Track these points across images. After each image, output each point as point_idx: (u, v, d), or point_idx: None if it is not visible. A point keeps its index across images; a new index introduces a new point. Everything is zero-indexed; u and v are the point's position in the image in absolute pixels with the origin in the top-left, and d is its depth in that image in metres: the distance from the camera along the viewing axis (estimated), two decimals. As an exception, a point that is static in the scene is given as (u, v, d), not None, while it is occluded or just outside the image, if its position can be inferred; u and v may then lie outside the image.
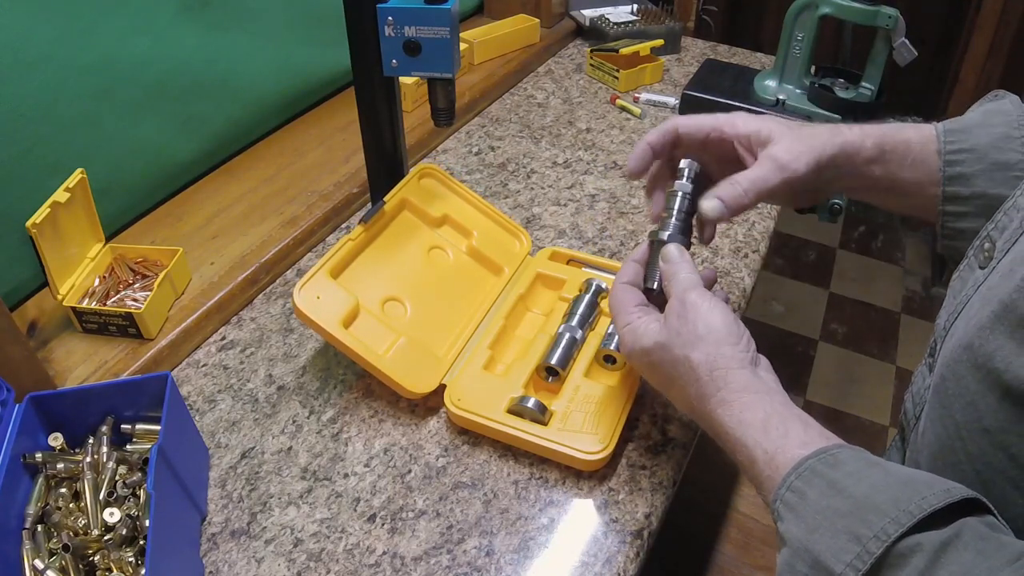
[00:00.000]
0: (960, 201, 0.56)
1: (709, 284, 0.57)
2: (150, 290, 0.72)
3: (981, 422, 0.44)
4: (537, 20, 1.25)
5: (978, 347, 0.43)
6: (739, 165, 0.58)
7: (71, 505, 0.55)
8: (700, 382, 0.50)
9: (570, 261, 0.79)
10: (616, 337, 0.66)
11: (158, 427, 0.57)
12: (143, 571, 0.50)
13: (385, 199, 0.73)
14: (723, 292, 0.59)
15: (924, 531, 0.37)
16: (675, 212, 0.58)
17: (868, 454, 0.44)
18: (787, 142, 0.56)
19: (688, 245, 0.58)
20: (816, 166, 0.56)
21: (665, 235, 0.57)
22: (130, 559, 0.52)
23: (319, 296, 0.65)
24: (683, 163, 0.60)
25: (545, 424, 0.62)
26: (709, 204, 0.55)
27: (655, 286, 0.57)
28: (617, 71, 1.15)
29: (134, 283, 0.75)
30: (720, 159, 0.60)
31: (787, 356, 1.97)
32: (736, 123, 0.59)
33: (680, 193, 0.59)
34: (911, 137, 0.58)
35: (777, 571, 0.42)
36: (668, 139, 0.60)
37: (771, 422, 0.46)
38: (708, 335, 0.50)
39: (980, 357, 0.43)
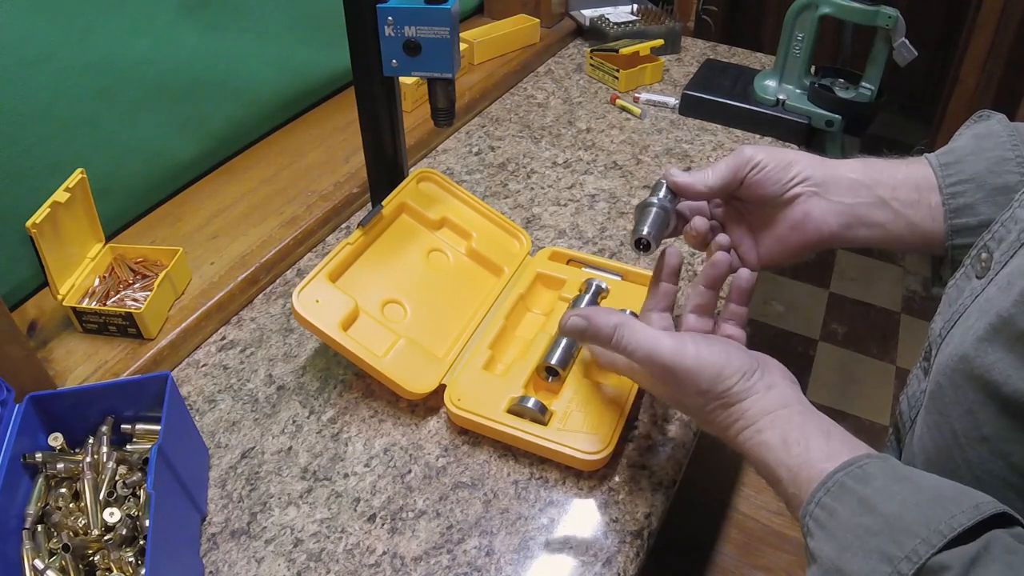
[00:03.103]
0: (969, 232, 0.55)
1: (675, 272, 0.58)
2: (150, 290, 0.72)
3: (980, 431, 0.44)
4: (537, 20, 1.25)
5: (975, 358, 0.43)
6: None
7: (71, 505, 0.55)
8: (719, 419, 0.51)
9: (570, 261, 0.79)
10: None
11: (158, 427, 0.56)
12: (143, 571, 0.50)
13: (383, 203, 0.73)
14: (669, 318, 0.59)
15: (954, 547, 0.37)
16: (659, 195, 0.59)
17: (896, 463, 0.43)
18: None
19: (660, 238, 0.58)
20: (784, 166, 0.57)
21: (655, 198, 0.57)
22: (130, 559, 0.52)
23: (318, 300, 0.65)
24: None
25: (545, 424, 0.62)
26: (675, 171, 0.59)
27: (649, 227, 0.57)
28: (617, 71, 1.15)
29: (134, 283, 0.75)
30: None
31: (787, 356, 1.94)
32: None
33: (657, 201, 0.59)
34: (907, 172, 0.58)
35: None
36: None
37: (790, 439, 0.47)
38: (709, 387, 0.50)
39: (978, 368, 0.43)
